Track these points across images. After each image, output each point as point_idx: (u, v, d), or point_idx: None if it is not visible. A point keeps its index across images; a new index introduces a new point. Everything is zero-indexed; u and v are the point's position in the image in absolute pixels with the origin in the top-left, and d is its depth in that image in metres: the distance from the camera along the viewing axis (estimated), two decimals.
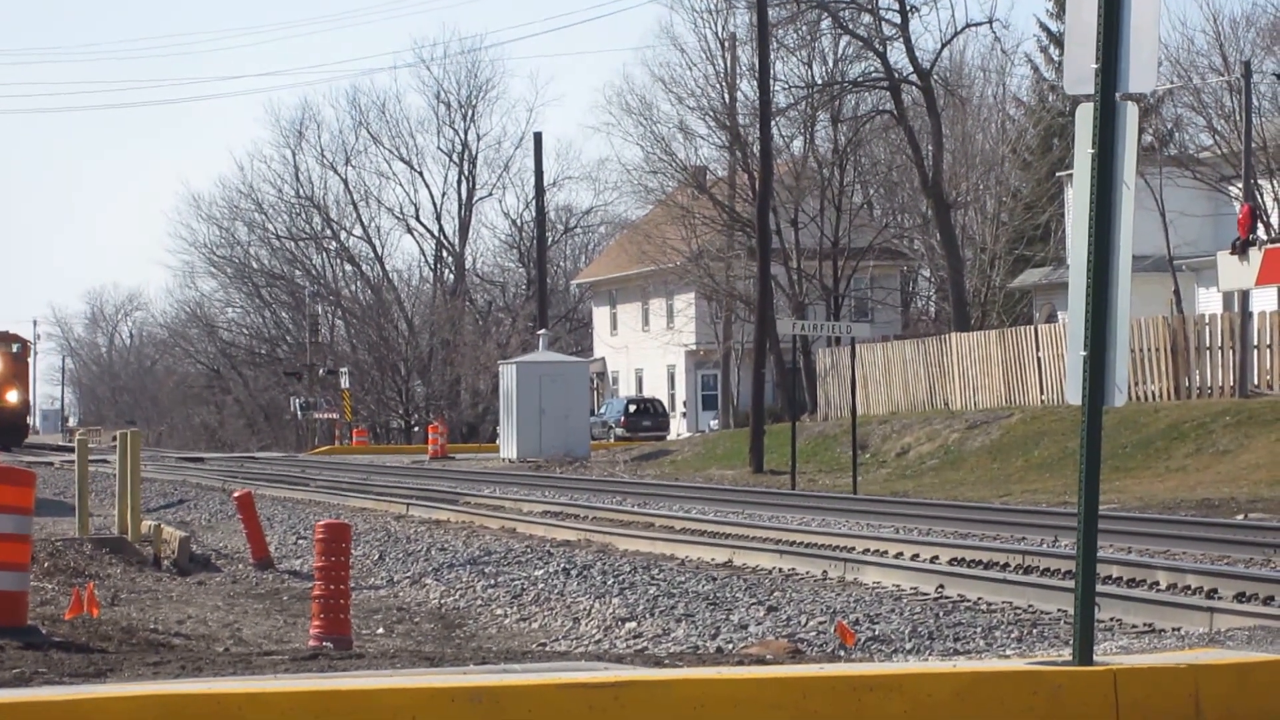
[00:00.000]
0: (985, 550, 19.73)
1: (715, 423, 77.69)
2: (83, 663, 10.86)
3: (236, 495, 25.95)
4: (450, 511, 29.61)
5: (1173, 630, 13.80)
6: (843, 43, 63.76)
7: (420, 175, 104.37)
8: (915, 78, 60.74)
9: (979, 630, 14.42)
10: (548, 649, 15.73)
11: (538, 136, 78.48)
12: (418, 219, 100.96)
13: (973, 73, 71.59)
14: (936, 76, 62.00)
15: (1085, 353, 9.26)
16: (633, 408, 78.90)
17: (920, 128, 61.77)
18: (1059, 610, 14.96)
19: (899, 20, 60.27)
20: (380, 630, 17.49)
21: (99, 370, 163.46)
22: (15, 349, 69.45)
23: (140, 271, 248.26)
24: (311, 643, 14.63)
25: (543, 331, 64.15)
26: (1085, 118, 9.35)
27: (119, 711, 7.65)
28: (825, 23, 62.37)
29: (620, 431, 75.47)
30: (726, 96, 67.14)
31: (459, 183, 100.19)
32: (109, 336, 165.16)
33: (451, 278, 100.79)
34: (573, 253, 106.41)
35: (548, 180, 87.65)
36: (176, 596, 20.08)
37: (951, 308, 62.88)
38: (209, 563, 23.97)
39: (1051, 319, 59.37)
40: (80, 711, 7.63)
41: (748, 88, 65.38)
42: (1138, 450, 37.86)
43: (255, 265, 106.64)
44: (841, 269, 67.59)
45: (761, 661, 11.38)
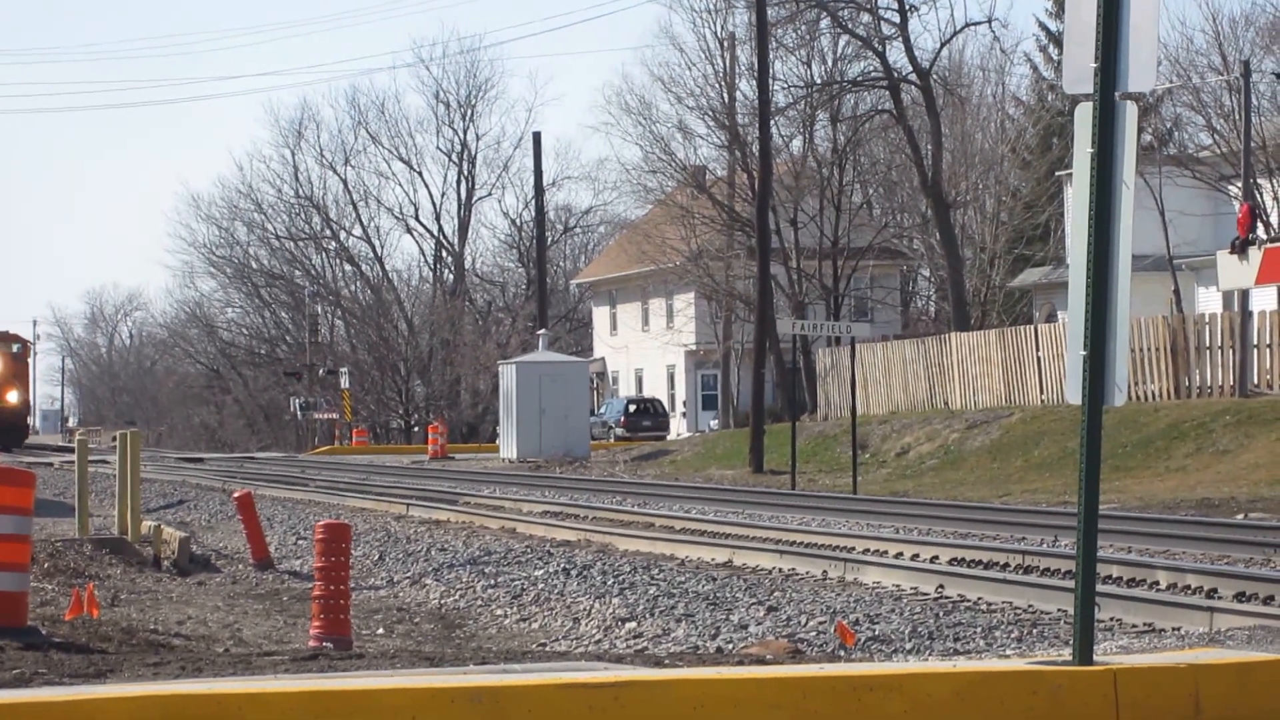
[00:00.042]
0: (985, 550, 19.73)
1: (715, 423, 77.67)
2: (83, 663, 10.86)
3: (236, 495, 25.94)
4: (450, 511, 29.60)
5: (1173, 630, 13.80)
6: (842, 42, 63.82)
7: (419, 175, 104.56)
8: (914, 77, 60.74)
9: (979, 630, 14.42)
10: (548, 649, 15.73)
11: (537, 136, 78.56)
12: (417, 219, 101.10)
13: (972, 72, 71.69)
14: (936, 76, 62.01)
15: (1085, 352, 9.26)
16: (632, 408, 78.89)
17: (919, 127, 61.77)
18: (1059, 610, 14.96)
19: (898, 19, 60.31)
20: (380, 630, 17.49)
21: (99, 370, 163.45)
22: (15, 349, 69.30)
23: (140, 272, 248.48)
24: (311, 643, 14.63)
25: (542, 331, 64.15)
26: (1084, 117, 9.35)
27: (119, 712, 7.65)
28: (824, 22, 62.42)
29: (620, 431, 75.47)
30: (726, 96, 67.17)
31: (458, 182, 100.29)
32: (109, 337, 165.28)
33: (451, 278, 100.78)
34: (572, 252, 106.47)
35: (547, 180, 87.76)
36: (176, 597, 20.07)
37: (951, 307, 62.87)
38: (209, 563, 23.96)
39: (1051, 318, 59.36)
40: (80, 712, 7.63)
41: (747, 87, 65.48)
42: (1138, 450, 37.85)
43: (255, 265, 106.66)
44: (841, 269, 67.59)
45: (761, 661, 11.38)
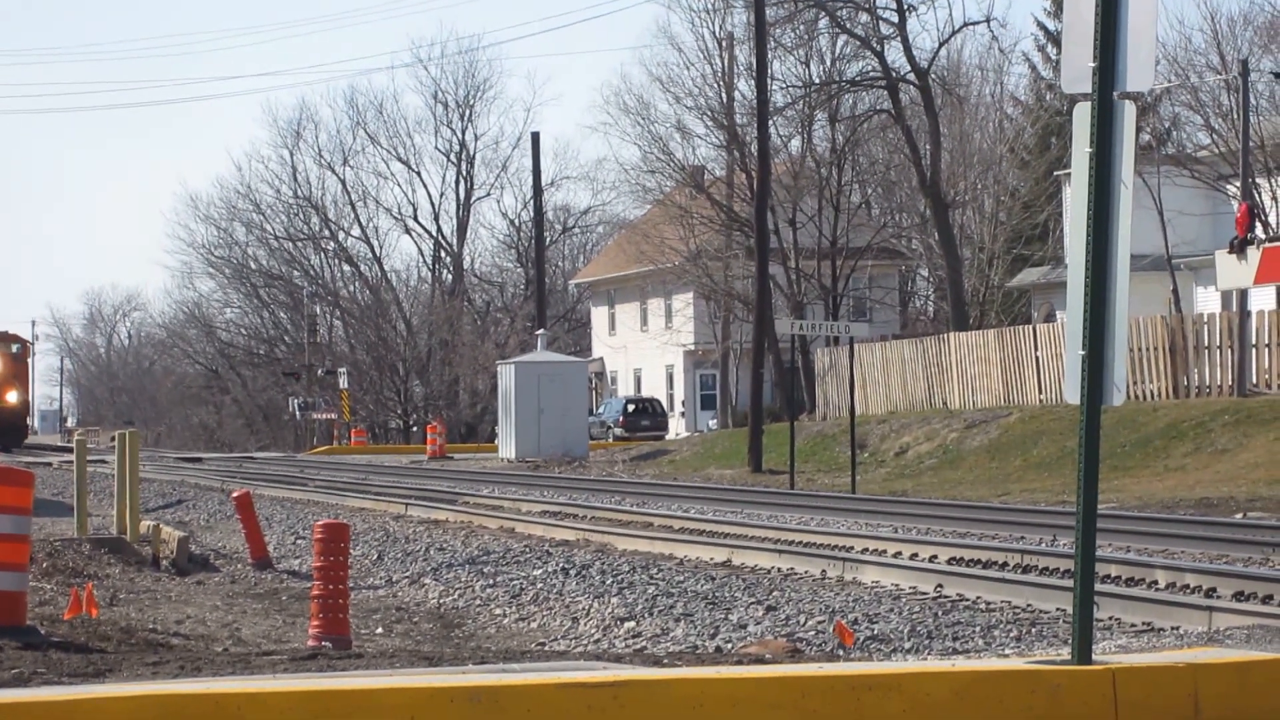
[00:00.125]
0: (984, 549, 19.72)
1: (714, 422, 77.67)
2: (81, 663, 10.86)
3: (235, 495, 25.92)
4: (449, 511, 29.59)
5: (1171, 629, 13.79)
6: (840, 42, 63.84)
7: (418, 175, 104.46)
8: (913, 77, 60.76)
9: (978, 629, 14.42)
10: (547, 649, 15.72)
11: (535, 136, 78.50)
12: (416, 219, 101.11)
13: (970, 72, 71.73)
14: (934, 75, 62.03)
15: (1084, 352, 9.26)
16: (631, 407, 78.89)
17: (918, 127, 61.78)
18: (1058, 609, 14.96)
19: (896, 19, 60.34)
20: (379, 630, 17.48)
21: (97, 371, 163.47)
22: (15, 349, 69.23)
23: (138, 272, 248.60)
24: (310, 642, 14.63)
25: (541, 331, 64.14)
26: (1083, 116, 9.35)
27: (118, 712, 7.65)
28: (823, 22, 62.43)
29: (619, 431, 75.47)
30: (724, 96, 67.18)
31: (457, 183, 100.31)
32: (107, 337, 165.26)
33: (450, 278, 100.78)
34: (571, 253, 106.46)
35: (545, 180, 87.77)
36: (175, 596, 20.07)
37: (950, 307, 62.88)
38: (208, 563, 23.95)
39: (1050, 318, 59.37)
40: (79, 712, 7.63)
41: (745, 87, 65.49)
42: (1136, 449, 37.86)
43: (253, 265, 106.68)
44: (840, 268, 67.59)
45: (760, 661, 11.38)
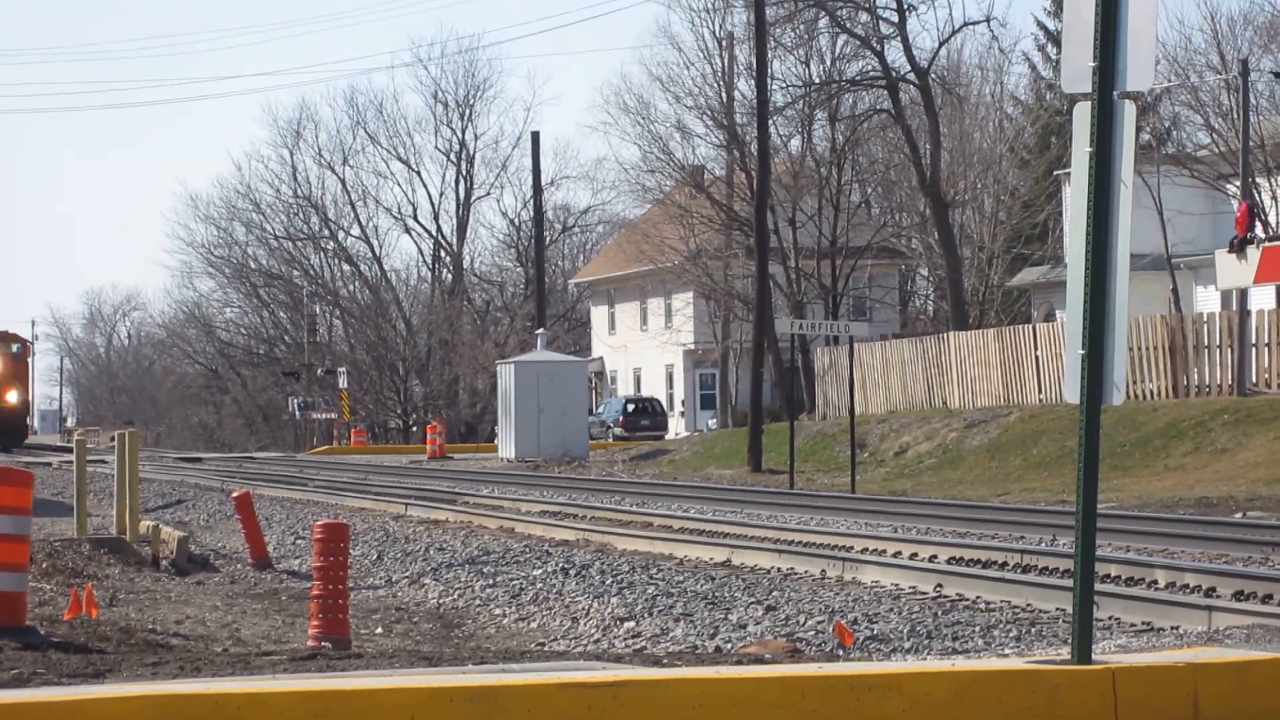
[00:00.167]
0: (984, 549, 19.72)
1: (713, 422, 77.67)
2: (81, 663, 10.86)
3: (235, 495, 25.92)
4: (449, 511, 29.59)
5: (1171, 629, 13.79)
6: (840, 41, 63.85)
7: (418, 175, 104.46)
8: (913, 76, 60.76)
9: (977, 629, 14.41)
10: (546, 649, 15.72)
11: (535, 136, 78.47)
12: (415, 219, 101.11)
13: (970, 71, 71.72)
14: (934, 75, 62.03)
15: (1083, 351, 9.26)
16: (631, 407, 78.88)
17: (918, 126, 61.78)
18: (1057, 609, 14.96)
19: (896, 19, 60.35)
20: (379, 630, 17.48)
21: (97, 371, 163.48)
22: (15, 349, 69.17)
23: (138, 272, 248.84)
24: (310, 643, 14.62)
25: (541, 331, 64.12)
26: (1083, 116, 9.35)
27: (117, 712, 7.65)
28: (823, 21, 62.43)
29: (618, 431, 75.46)
30: (724, 95, 67.17)
31: (457, 182, 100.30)
32: (107, 337, 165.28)
33: (449, 277, 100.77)
34: (570, 252, 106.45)
35: (545, 180, 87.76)
36: (175, 597, 20.06)
37: (950, 306, 62.88)
38: (207, 563, 23.95)
39: (1049, 318, 59.37)
40: (79, 712, 7.63)
41: (745, 87, 65.48)
42: (1136, 449, 37.85)
43: (253, 265, 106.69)
44: (839, 268, 67.60)
45: (760, 661, 11.37)
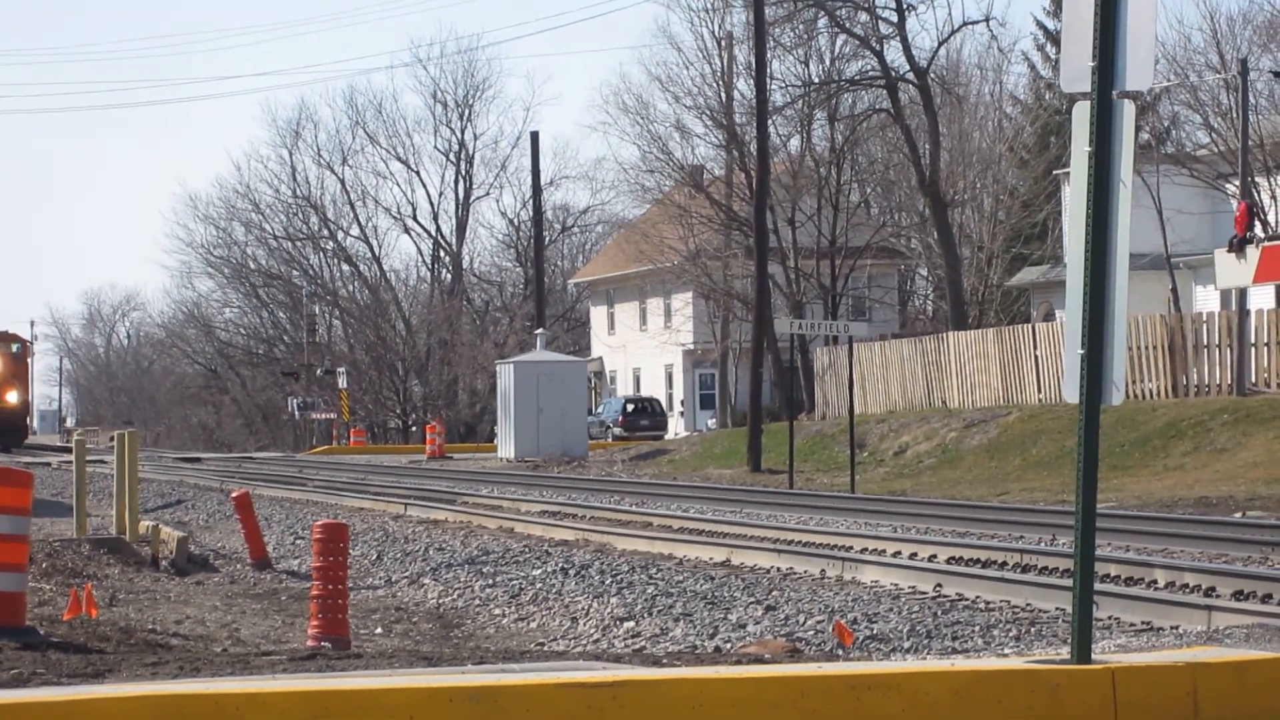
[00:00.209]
0: (983, 549, 19.72)
1: (713, 422, 77.66)
2: (81, 663, 10.85)
3: (234, 495, 25.91)
4: (448, 511, 29.58)
5: (1171, 629, 13.79)
6: (839, 41, 63.86)
7: (417, 175, 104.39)
8: (912, 76, 60.77)
9: (977, 629, 14.41)
10: (546, 648, 15.71)
11: (534, 136, 78.47)
12: (415, 219, 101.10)
13: (969, 71, 71.73)
14: (933, 75, 62.05)
15: (1083, 351, 9.26)
16: (630, 407, 78.87)
17: (917, 126, 61.78)
18: (1057, 609, 14.96)
19: (896, 19, 60.37)
20: (378, 630, 17.47)
21: (96, 371, 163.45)
22: (15, 349, 69.08)
23: (137, 272, 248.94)
24: (309, 643, 14.62)
25: (540, 331, 64.11)
26: (1082, 115, 9.35)
27: (117, 712, 7.65)
28: (822, 21, 62.44)
29: (618, 431, 75.45)
30: (723, 95, 67.17)
31: (456, 182, 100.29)
32: (106, 337, 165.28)
33: (449, 277, 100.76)
34: (570, 252, 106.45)
35: (545, 179, 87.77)
36: (174, 597, 20.06)
37: (949, 306, 62.88)
38: (207, 563, 23.94)
39: (1049, 317, 59.37)
40: (78, 712, 7.63)
41: (744, 86, 65.48)
42: (1135, 448, 37.85)
43: (252, 265, 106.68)
44: (839, 268, 67.59)
45: (760, 661, 11.37)
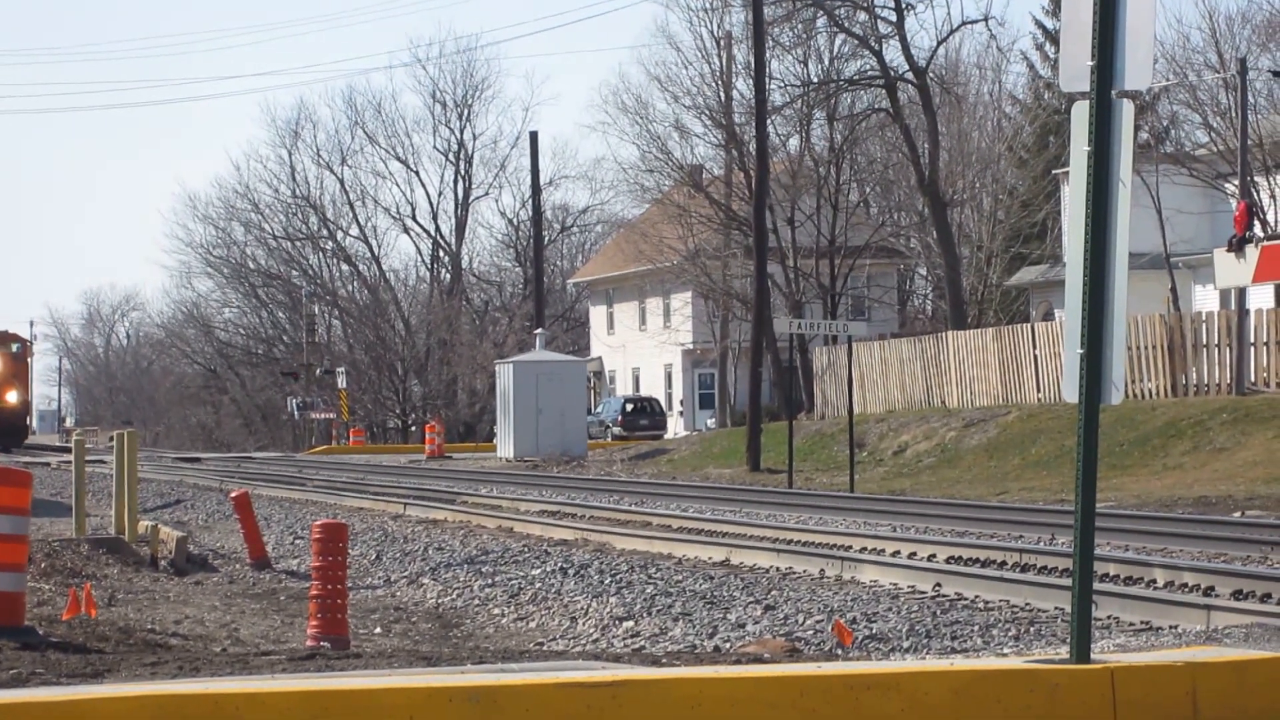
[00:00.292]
0: (982, 548, 19.72)
1: (712, 421, 77.65)
2: (80, 663, 10.85)
3: (233, 495, 25.89)
4: (447, 511, 29.58)
5: (1170, 628, 13.78)
6: (838, 41, 63.89)
7: (416, 175, 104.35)
8: (911, 76, 60.79)
9: (976, 628, 14.41)
10: (545, 648, 15.71)
11: (534, 136, 78.42)
12: (414, 219, 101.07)
13: (968, 70, 71.76)
14: (932, 74, 62.05)
15: (1082, 350, 9.26)
16: (630, 407, 78.87)
17: (916, 126, 61.78)
18: (1056, 608, 14.96)
19: (894, 18, 60.40)
20: (378, 630, 17.47)
21: (96, 371, 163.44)
22: (15, 349, 68.97)
23: (137, 272, 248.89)
24: (309, 642, 14.61)
25: (539, 331, 64.10)
26: (1081, 115, 9.35)
27: (116, 712, 7.65)
28: (821, 21, 62.46)
29: (617, 430, 75.45)
30: (722, 95, 67.18)
31: (455, 182, 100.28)
32: (106, 337, 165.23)
33: (448, 277, 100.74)
34: (569, 252, 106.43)
35: (544, 179, 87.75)
36: (174, 597, 20.06)
37: (948, 306, 62.89)
38: (206, 563, 23.93)
39: (1048, 317, 59.36)
40: (77, 712, 7.63)
41: (744, 86, 65.48)
42: (1135, 448, 37.85)
43: (252, 265, 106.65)
44: (838, 267, 67.59)
45: (759, 660, 11.37)
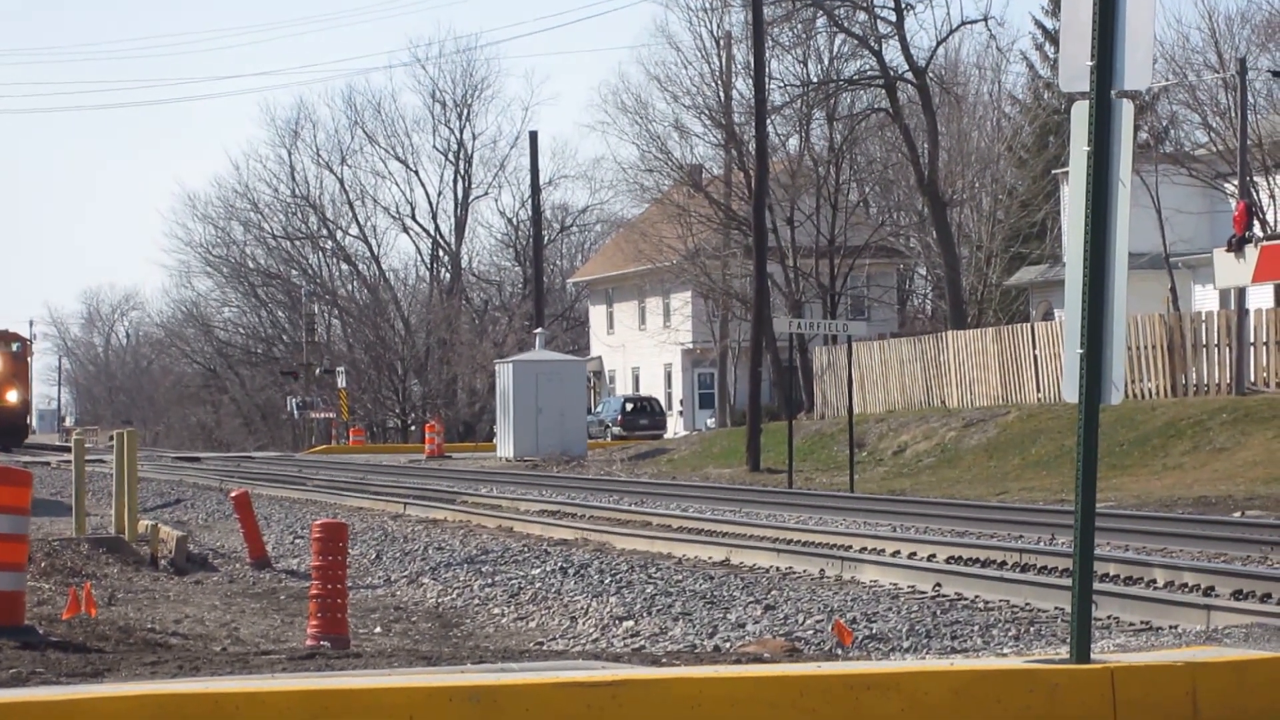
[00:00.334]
0: (982, 548, 19.72)
1: (712, 421, 77.64)
2: (80, 662, 10.85)
3: (233, 495, 25.89)
4: (447, 510, 29.59)
5: (1170, 628, 13.78)
6: (838, 40, 63.87)
7: (416, 174, 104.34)
8: (910, 75, 60.78)
9: (976, 628, 14.40)
10: (545, 648, 15.71)
11: (533, 135, 78.43)
12: (414, 218, 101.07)
13: (968, 70, 71.76)
14: (932, 74, 62.05)
15: (1082, 350, 9.26)
16: (629, 406, 78.87)
17: (916, 125, 61.77)
18: (1056, 608, 14.96)
19: (894, 18, 60.39)
20: (377, 629, 17.47)
21: (95, 370, 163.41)
22: (15, 348, 68.90)
23: (136, 271, 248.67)
24: (309, 642, 14.61)
25: (539, 330, 64.10)
26: (1081, 115, 9.35)
27: (116, 711, 7.65)
28: (820, 21, 62.45)
29: (617, 430, 75.45)
30: (722, 95, 67.16)
31: (455, 182, 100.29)
32: (105, 336, 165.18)
33: (448, 277, 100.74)
34: (569, 251, 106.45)
35: (544, 179, 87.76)
36: (173, 596, 20.05)
37: (948, 305, 62.89)
38: (206, 562, 23.92)
39: (1048, 316, 59.36)
40: (77, 711, 7.63)
41: (743, 86, 65.47)
42: (1134, 448, 37.84)
43: (251, 265, 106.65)
44: (838, 267, 67.58)
45: (759, 660, 11.37)
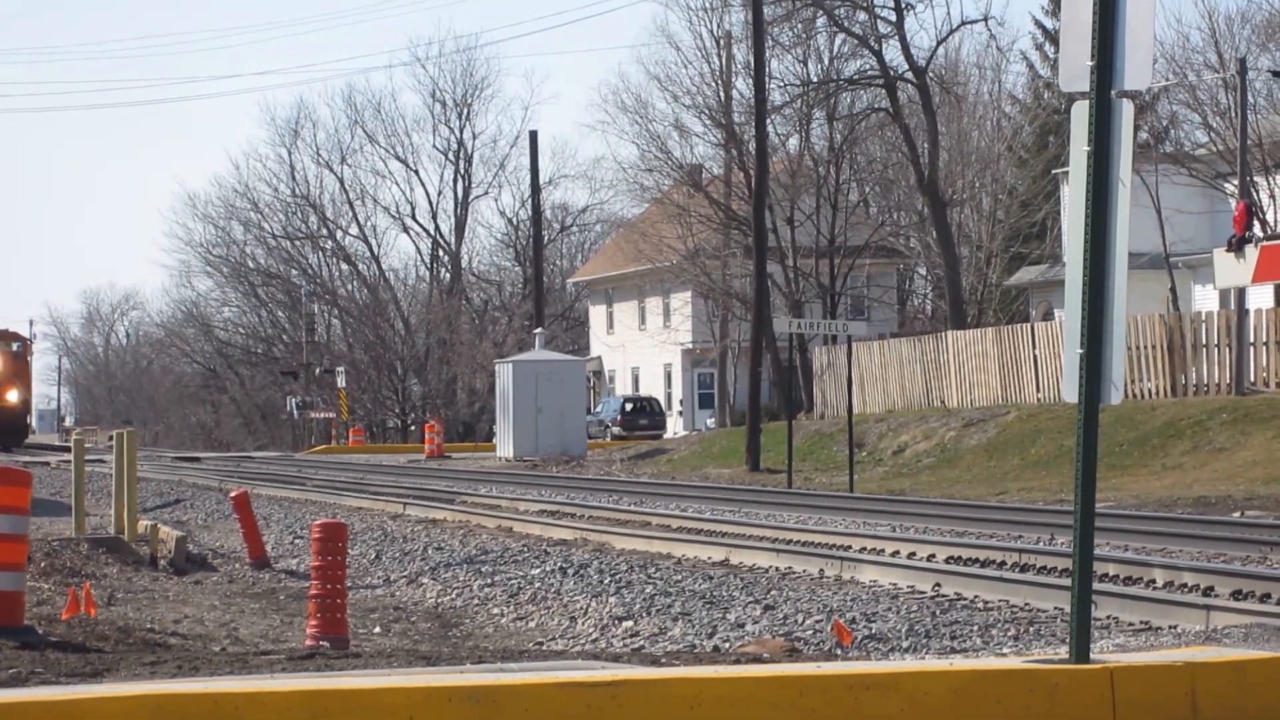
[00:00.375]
0: (982, 548, 19.72)
1: (712, 421, 77.65)
2: (79, 662, 10.85)
3: (233, 495, 25.89)
4: (447, 511, 29.58)
5: (1169, 628, 13.79)
6: (838, 40, 63.88)
7: (416, 174, 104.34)
8: (911, 75, 60.78)
9: (976, 628, 14.41)
10: (544, 648, 15.71)
11: (533, 135, 78.42)
12: (414, 218, 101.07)
13: (968, 70, 71.76)
14: (932, 74, 62.04)
15: (1082, 350, 9.26)
16: (629, 406, 78.87)
17: (916, 125, 61.78)
18: (1056, 608, 14.95)
19: (894, 18, 60.38)
20: (377, 629, 17.47)
21: (95, 370, 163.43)
22: (15, 348, 68.82)
23: (136, 271, 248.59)
24: (308, 642, 14.61)
25: (539, 330, 64.08)
26: (1081, 115, 9.35)
27: (115, 711, 7.65)
28: (820, 20, 62.45)
29: (617, 430, 75.44)
30: (722, 94, 67.17)
31: (455, 181, 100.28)
32: (105, 336, 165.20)
33: (448, 276, 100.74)
34: (569, 251, 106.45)
35: (544, 179, 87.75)
36: (173, 596, 20.06)
37: (948, 305, 62.89)
38: (205, 562, 23.93)
39: (1048, 316, 59.36)
40: (77, 711, 7.63)
41: (743, 85, 65.48)
42: (1134, 448, 37.85)
43: (251, 264, 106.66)
44: (838, 267, 67.58)
45: (758, 660, 11.37)
